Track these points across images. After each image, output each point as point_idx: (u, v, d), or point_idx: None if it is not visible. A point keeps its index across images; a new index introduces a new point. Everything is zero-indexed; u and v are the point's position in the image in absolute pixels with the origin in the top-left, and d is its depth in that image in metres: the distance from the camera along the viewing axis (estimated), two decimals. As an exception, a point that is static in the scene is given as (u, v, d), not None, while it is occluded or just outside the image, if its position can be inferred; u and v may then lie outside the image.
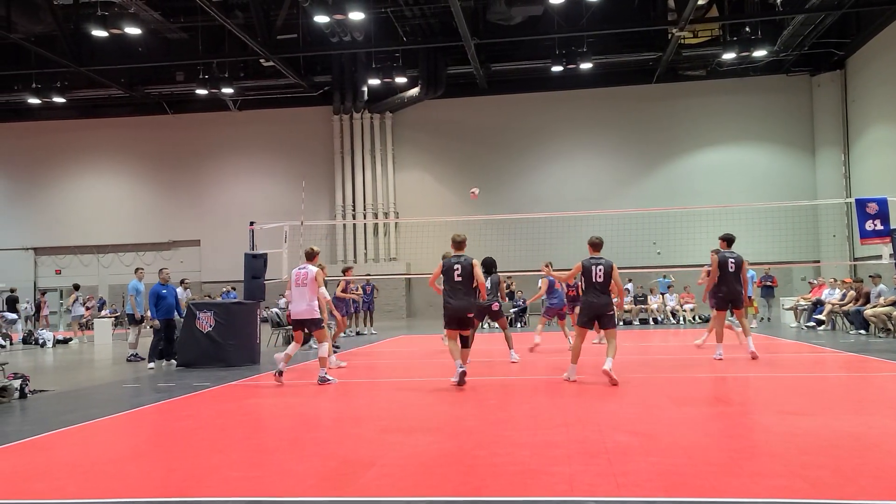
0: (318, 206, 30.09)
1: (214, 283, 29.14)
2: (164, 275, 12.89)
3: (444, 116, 29.93)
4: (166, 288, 12.68)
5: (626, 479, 4.36)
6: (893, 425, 5.92)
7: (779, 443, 5.29)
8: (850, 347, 12.59)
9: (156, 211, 31.57)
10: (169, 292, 12.72)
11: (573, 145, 29.51)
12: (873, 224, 12.40)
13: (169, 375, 11.26)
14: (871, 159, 25.51)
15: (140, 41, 26.14)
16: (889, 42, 23.50)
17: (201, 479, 4.78)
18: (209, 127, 31.32)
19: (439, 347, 14.63)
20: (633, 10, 25.75)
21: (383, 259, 29.74)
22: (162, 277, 12.82)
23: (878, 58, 24.38)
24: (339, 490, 4.41)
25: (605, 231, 20.67)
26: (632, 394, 8.08)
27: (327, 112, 30.43)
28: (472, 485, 4.41)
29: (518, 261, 24.02)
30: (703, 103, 28.63)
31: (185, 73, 29.00)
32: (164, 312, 12.56)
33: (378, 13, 24.78)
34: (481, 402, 7.76)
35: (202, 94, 27.59)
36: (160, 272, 13.03)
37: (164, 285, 12.68)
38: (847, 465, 4.57)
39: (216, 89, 26.80)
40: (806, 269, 25.17)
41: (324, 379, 9.30)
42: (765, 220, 22.67)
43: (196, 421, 7.16)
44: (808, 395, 7.40)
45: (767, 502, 3.88)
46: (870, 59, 25.08)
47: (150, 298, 12.57)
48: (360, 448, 5.55)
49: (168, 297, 12.65)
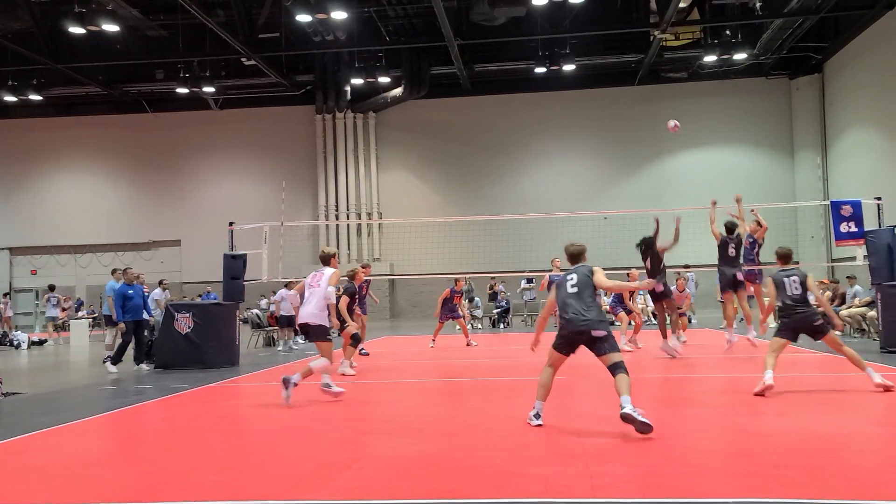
0: (301, 207, 29.95)
1: (195, 283, 28.92)
2: (129, 275, 12.39)
3: (428, 117, 29.91)
4: (132, 288, 12.24)
5: (602, 481, 4.38)
6: (865, 425, 5.99)
7: (753, 443, 5.33)
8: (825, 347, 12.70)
9: (135, 210, 31.25)
10: (136, 292, 12.32)
11: (557, 146, 29.61)
12: (848, 226, 12.55)
13: (146, 378, 11.14)
14: (847, 162, 25.85)
15: (119, 38, 25.84)
16: (865, 47, 23.82)
17: (175, 483, 4.73)
18: (190, 126, 31.06)
19: (422, 348, 14.63)
20: (615, 12, 25.87)
21: (367, 259, 29.65)
22: (127, 278, 12.33)
23: (855, 62, 24.70)
24: (314, 493, 4.38)
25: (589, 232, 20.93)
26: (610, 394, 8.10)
27: (310, 112, 30.30)
28: (447, 487, 4.41)
29: (501, 262, 24.10)
30: (685, 105, 28.81)
31: (164, 71, 28.72)
32: (132, 314, 12.14)
33: (361, 13, 24.71)
34: (461, 404, 7.76)
35: (183, 92, 27.36)
36: (125, 272, 12.52)
37: (129, 286, 12.23)
38: (818, 465, 4.62)
39: (197, 88, 26.59)
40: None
41: (327, 385, 8.14)
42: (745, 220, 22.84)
43: (172, 423, 7.10)
44: (783, 396, 7.47)
45: (740, 502, 3.90)
46: (847, 64, 25.40)
47: (116, 300, 12.12)
48: (337, 450, 5.53)
49: (135, 297, 12.23)
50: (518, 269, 24.09)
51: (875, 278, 11.80)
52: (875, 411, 6.81)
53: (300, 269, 21.21)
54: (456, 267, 24.41)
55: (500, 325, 22.91)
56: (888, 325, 11.29)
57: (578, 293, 6.12)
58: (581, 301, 6.07)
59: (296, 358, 13.87)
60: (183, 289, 28.79)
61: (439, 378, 10.03)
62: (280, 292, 15.93)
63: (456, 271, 23.76)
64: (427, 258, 23.20)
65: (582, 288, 6.14)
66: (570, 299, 6.12)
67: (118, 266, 16.37)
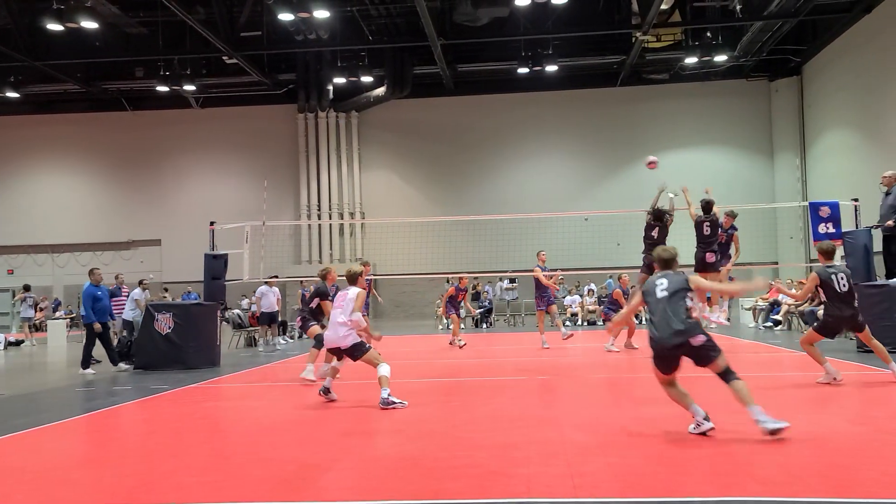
0: (283, 206, 29.80)
1: (176, 283, 28.67)
2: (97, 275, 12.21)
3: (411, 116, 29.89)
4: (100, 289, 12.11)
5: (583, 480, 4.40)
6: (842, 424, 6.07)
7: (731, 442, 5.38)
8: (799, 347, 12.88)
9: (114, 210, 30.92)
10: (104, 294, 12.19)
11: (539, 147, 29.71)
12: (826, 227, 12.71)
13: (126, 379, 11.04)
14: (825, 163, 26.18)
15: (97, 35, 25.56)
16: (843, 50, 24.15)
17: (154, 485, 4.69)
18: (170, 124, 30.79)
19: (404, 349, 14.62)
20: (597, 13, 26.02)
21: (349, 259, 29.56)
22: (94, 279, 12.13)
23: (833, 65, 25.03)
24: (297, 494, 4.36)
25: (570, 232, 21.05)
26: (592, 394, 8.16)
27: (292, 110, 30.16)
28: (431, 487, 4.41)
29: (483, 262, 24.15)
30: (666, 106, 29.06)
31: (144, 68, 28.46)
32: (99, 315, 11.96)
33: (343, 12, 24.64)
34: (444, 404, 7.76)
35: (163, 90, 27.11)
36: (91, 273, 12.32)
37: (97, 286, 12.06)
38: (796, 464, 4.67)
39: (177, 86, 26.34)
40: (764, 271, 25.66)
41: (387, 402, 7.39)
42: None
43: (152, 425, 7.03)
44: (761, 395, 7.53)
45: (719, 501, 3.94)
46: (825, 66, 25.73)
47: (86, 301, 11.92)
48: (320, 451, 5.51)
49: (104, 298, 12.09)
50: (500, 269, 24.16)
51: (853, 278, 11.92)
52: (852, 410, 6.91)
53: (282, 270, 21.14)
54: (438, 267, 24.43)
55: (483, 324, 22.95)
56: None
57: (669, 297, 5.49)
58: (672, 307, 5.45)
59: (279, 358, 13.81)
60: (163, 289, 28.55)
61: (422, 378, 10.03)
62: (260, 289, 15.84)
63: (438, 271, 23.83)
64: (410, 258, 23.18)
65: (672, 292, 5.51)
66: (661, 306, 5.51)
67: (96, 266, 16.22)
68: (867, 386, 8.22)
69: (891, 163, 18.26)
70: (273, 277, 16.37)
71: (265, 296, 15.76)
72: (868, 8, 21.97)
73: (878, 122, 22.05)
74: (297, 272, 27.27)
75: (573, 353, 13.26)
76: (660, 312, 5.50)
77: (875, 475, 4.37)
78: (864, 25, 22.52)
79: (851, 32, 23.33)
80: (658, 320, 5.51)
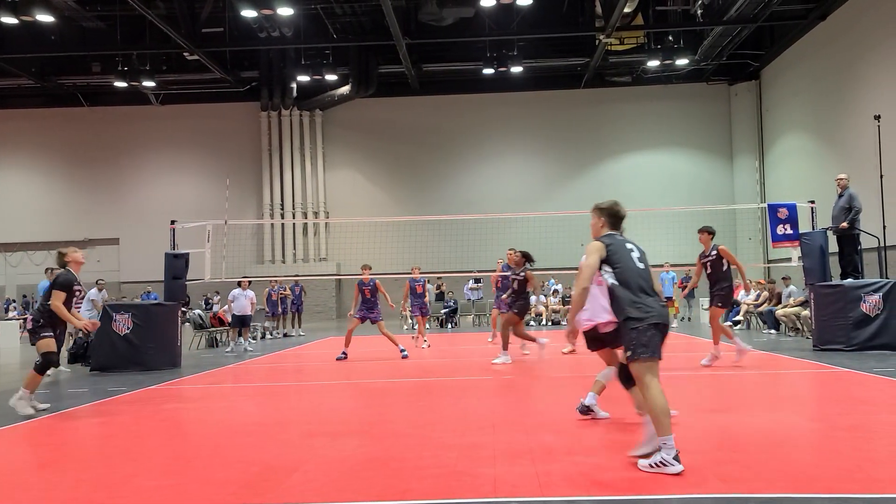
0: (245, 205, 29.43)
1: (134, 283, 28.11)
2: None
3: (376, 115, 29.77)
4: None
5: (549, 479, 4.42)
6: (800, 421, 6.21)
7: (694, 439, 5.46)
8: (763, 346, 13.17)
9: (70, 208, 30.19)
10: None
11: (504, 147, 29.84)
12: (784, 228, 12.99)
13: (81, 381, 10.76)
14: (783, 166, 26.81)
15: (53, 29, 24.93)
16: (799, 55, 24.76)
17: (112, 490, 4.57)
18: (129, 121, 30.17)
19: (370, 349, 14.53)
20: (562, 15, 26.26)
21: (313, 259, 29.35)
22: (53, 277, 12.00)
23: (790, 70, 25.65)
24: (261, 496, 4.29)
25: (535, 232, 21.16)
26: (558, 393, 8.21)
27: (255, 108, 29.81)
28: (397, 488, 4.38)
29: (449, 262, 24.16)
30: (629, 109, 29.45)
31: (101, 63, 27.83)
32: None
33: (307, 9, 24.43)
34: (411, 404, 7.74)
35: (121, 86, 26.55)
36: (48, 272, 12.12)
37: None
38: (756, 461, 4.75)
39: (136, 82, 25.83)
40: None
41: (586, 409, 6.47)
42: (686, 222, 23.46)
43: (109, 428, 6.86)
44: (722, 393, 7.69)
45: (682, 498, 3.99)
46: (782, 71, 26.36)
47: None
48: (284, 453, 5.43)
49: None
50: (465, 269, 24.19)
51: (808, 279, 12.24)
52: (810, 408, 7.07)
53: (244, 269, 20.87)
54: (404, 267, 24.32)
55: (448, 324, 22.96)
56: (821, 323, 11.73)
57: (647, 269, 4.86)
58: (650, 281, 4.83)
59: (241, 359, 13.62)
60: (121, 289, 27.96)
61: (387, 379, 9.99)
62: (233, 292, 15.55)
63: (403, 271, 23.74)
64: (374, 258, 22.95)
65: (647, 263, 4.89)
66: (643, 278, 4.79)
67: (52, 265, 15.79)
68: (823, 384, 8.42)
69: (844, 166, 18.81)
70: (244, 279, 16.04)
71: (237, 299, 15.46)
72: (823, 15, 22.57)
73: (832, 126, 22.66)
74: (260, 272, 26.96)
75: (536, 352, 13.32)
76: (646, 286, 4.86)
77: (831, 470, 4.48)
78: (819, 32, 23.13)
79: (807, 39, 23.94)
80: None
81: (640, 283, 4.74)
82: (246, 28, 25.20)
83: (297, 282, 21.09)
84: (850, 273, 12.34)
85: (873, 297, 11.35)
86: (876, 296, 11.34)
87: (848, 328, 11.27)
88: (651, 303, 4.68)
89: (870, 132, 16.29)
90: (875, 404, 6.93)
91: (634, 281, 4.73)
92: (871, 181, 15.15)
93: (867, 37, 20.48)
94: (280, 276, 23.59)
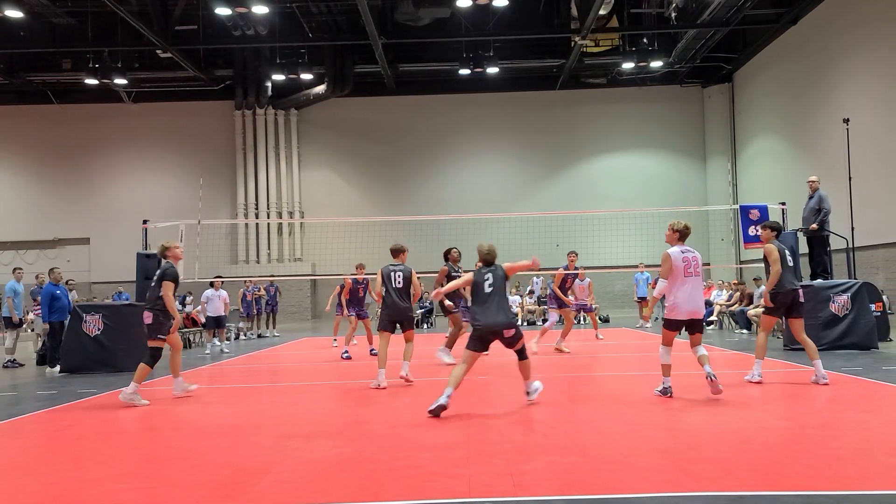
0: (219, 205, 29.13)
1: (105, 283, 27.68)
2: (56, 274, 12.41)
3: (352, 115, 29.65)
4: (59, 288, 12.18)
5: (523, 479, 4.43)
6: (770, 420, 6.30)
7: (667, 439, 5.52)
8: (734, 346, 13.36)
9: (39, 207, 29.65)
10: (63, 293, 12.27)
11: (480, 148, 29.88)
12: (755, 229, 13.18)
13: (51, 382, 10.58)
14: (754, 168, 27.20)
15: (22, 25, 24.48)
16: (771, 59, 25.15)
17: (82, 493, 4.50)
18: (100, 119, 29.70)
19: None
20: (538, 17, 26.39)
21: (288, 259, 29.15)
22: (54, 277, 12.24)
23: (761, 73, 26.04)
24: (233, 499, 4.26)
25: (510, 233, 21.24)
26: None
27: (229, 107, 29.52)
28: (371, 489, 4.37)
29: (423, 262, 24.06)
30: (604, 110, 29.66)
31: (72, 60, 27.36)
32: (58, 314, 12.02)
33: (283, 7, 24.26)
34: (385, 405, 7.72)
35: (92, 83, 26.12)
36: (51, 272, 12.43)
37: (56, 285, 12.18)
38: (727, 459, 4.82)
39: (107, 79, 25.41)
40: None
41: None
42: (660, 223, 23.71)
43: (79, 430, 6.75)
44: (694, 393, 7.76)
45: (655, 497, 4.03)
46: (754, 74, 26.74)
47: (44, 299, 12.00)
48: (257, 455, 5.39)
49: (62, 297, 12.13)
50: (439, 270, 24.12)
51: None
52: (779, 407, 7.17)
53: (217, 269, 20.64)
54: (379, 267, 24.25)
55: (424, 325, 22.95)
56: (791, 323, 11.88)
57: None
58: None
59: (214, 360, 13.48)
60: (92, 289, 27.53)
61: (360, 379, 9.95)
62: (206, 293, 15.36)
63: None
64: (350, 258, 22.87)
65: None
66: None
67: (19, 265, 15.60)
68: (792, 383, 8.55)
69: (814, 168, 19.14)
70: (217, 278, 15.82)
71: (211, 300, 15.28)
72: (794, 20, 22.94)
73: (802, 129, 23.03)
74: (234, 272, 26.72)
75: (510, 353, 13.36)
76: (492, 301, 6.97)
77: (800, 468, 4.55)
78: (790, 36, 23.50)
79: (778, 43, 24.32)
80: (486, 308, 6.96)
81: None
82: (220, 26, 24.94)
83: (272, 282, 20.94)
84: (819, 274, 12.55)
85: (842, 297, 11.56)
86: (844, 296, 11.55)
87: (817, 328, 11.46)
88: None
89: (839, 135, 16.59)
90: (843, 403, 7.06)
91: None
92: (840, 183, 15.42)
93: (837, 41, 20.86)
94: (254, 276, 23.40)
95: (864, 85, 19.73)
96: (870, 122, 18.80)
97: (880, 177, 18.59)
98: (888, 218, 18.38)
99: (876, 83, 19.23)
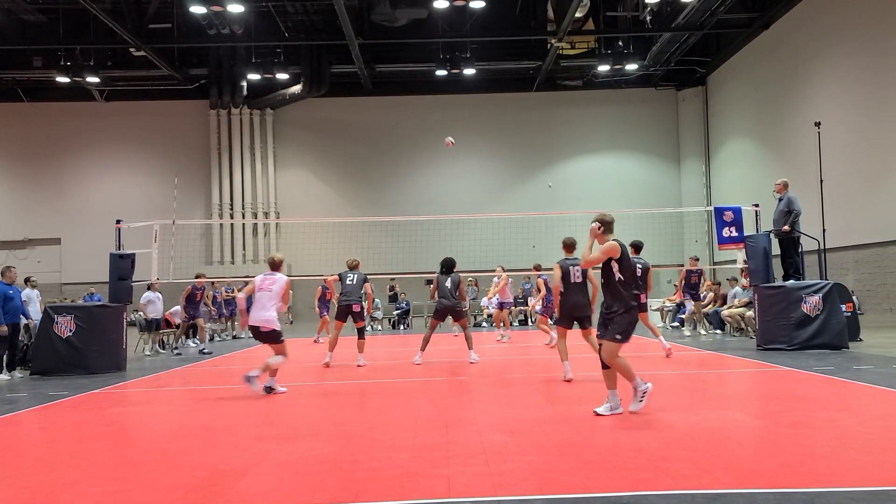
0: (194, 204, 28.82)
1: (76, 284, 27.24)
2: (12, 274, 11.57)
3: (328, 115, 29.52)
4: (12, 289, 11.41)
5: (502, 479, 4.44)
6: (745, 418, 6.38)
7: (643, 438, 5.56)
8: (708, 346, 13.51)
9: (8, 206, 29.11)
10: (16, 293, 11.54)
11: (456, 149, 29.74)
12: (729, 231, 13.36)
13: (20, 385, 10.38)
14: (728, 170, 27.55)
15: (-8, 21, 24.04)
16: (743, 63, 25.51)
17: (54, 497, 4.41)
18: (72, 117, 29.24)
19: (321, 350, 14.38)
20: (514, 19, 26.49)
21: (263, 260, 28.88)
22: (8, 277, 11.48)
23: (734, 77, 26.40)
24: (210, 501, 4.20)
25: (487, 234, 21.29)
26: (509, 393, 8.26)
27: (203, 106, 29.23)
28: (350, 490, 4.34)
29: (400, 263, 24.07)
30: (580, 112, 29.85)
31: (43, 58, 26.91)
32: (11, 315, 11.28)
33: (258, 7, 24.09)
34: (362, 406, 7.68)
35: (63, 81, 25.72)
36: (6, 271, 11.64)
37: (10, 286, 11.39)
38: (703, 458, 4.87)
39: (79, 77, 25.04)
40: (672, 273, 26.79)
41: (249, 378, 8.35)
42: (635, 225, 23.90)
43: (51, 433, 6.63)
44: (670, 392, 7.85)
45: (632, 495, 4.06)
46: (727, 78, 27.10)
47: None
48: (233, 457, 5.33)
49: (15, 298, 11.42)
50: (418, 270, 24.13)
51: (752, 280, 12.59)
52: (754, 405, 7.27)
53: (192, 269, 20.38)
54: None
55: (401, 326, 22.91)
56: (764, 324, 12.08)
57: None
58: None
59: (189, 362, 13.33)
60: (63, 290, 27.08)
61: (338, 381, 9.90)
62: (146, 295, 15.03)
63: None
64: (326, 259, 22.85)
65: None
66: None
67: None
68: (766, 382, 8.67)
69: (786, 170, 19.43)
70: (155, 281, 15.23)
71: (152, 302, 14.99)
72: (766, 24, 23.30)
73: (775, 132, 23.39)
74: (209, 273, 26.42)
75: (489, 353, 13.41)
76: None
77: (774, 466, 4.61)
78: (762, 41, 23.87)
79: (751, 47, 24.68)
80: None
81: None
82: (195, 24, 24.69)
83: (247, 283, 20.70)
84: (791, 275, 12.74)
85: (814, 297, 11.74)
86: (816, 297, 11.73)
87: (790, 328, 11.64)
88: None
89: (810, 138, 16.87)
90: (814, 401, 7.17)
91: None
92: (811, 186, 15.68)
93: (808, 46, 21.22)
94: (229, 276, 23.17)
95: (835, 88, 20.08)
96: (841, 125, 19.15)
97: (851, 179, 18.94)
98: (858, 220, 18.73)
99: (847, 87, 19.59)
